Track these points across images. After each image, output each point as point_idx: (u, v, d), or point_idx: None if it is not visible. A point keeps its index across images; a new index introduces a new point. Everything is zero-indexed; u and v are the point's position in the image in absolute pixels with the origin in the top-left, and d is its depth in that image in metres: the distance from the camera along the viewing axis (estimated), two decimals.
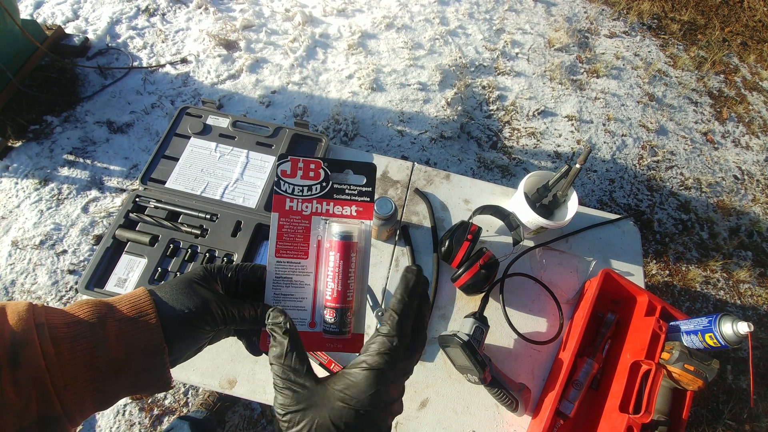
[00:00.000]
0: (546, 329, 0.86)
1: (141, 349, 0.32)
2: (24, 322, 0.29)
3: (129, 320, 0.32)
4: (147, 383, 0.33)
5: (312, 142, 0.99)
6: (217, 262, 0.85)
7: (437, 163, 1.89)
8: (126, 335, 0.31)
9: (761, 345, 1.70)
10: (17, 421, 0.28)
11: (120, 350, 0.31)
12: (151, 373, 0.33)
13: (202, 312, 0.34)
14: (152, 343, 0.32)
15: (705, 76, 2.44)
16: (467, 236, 0.82)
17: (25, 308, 0.30)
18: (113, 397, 0.32)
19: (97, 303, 0.32)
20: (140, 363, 0.32)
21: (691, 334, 0.75)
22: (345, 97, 1.98)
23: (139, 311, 0.33)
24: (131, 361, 0.31)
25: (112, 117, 1.83)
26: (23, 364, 0.28)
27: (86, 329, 0.31)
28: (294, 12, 2.21)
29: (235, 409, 1.35)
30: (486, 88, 2.16)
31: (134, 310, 0.33)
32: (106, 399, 0.32)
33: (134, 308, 0.33)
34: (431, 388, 0.80)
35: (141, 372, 0.32)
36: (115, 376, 0.31)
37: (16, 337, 0.28)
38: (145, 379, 0.32)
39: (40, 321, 0.30)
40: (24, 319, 0.29)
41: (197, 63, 2.01)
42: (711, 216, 1.97)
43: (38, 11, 2.08)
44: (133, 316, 0.32)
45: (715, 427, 1.50)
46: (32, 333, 0.29)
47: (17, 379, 0.27)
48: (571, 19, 2.53)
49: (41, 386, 0.28)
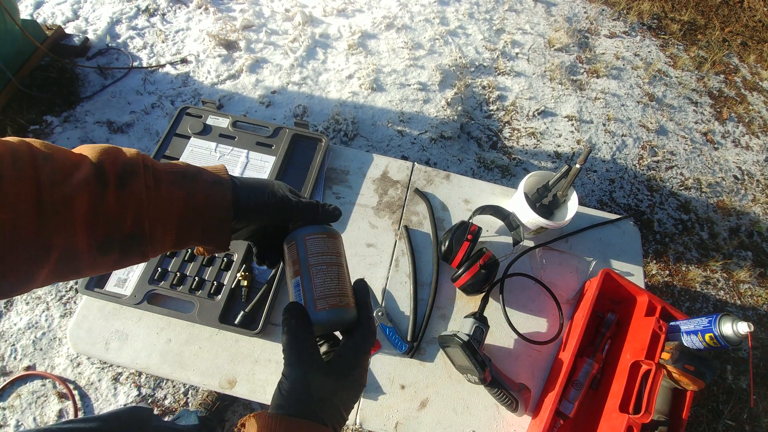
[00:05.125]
0: (546, 329, 0.86)
1: (215, 205, 0.39)
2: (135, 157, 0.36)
3: (213, 182, 0.39)
4: (213, 236, 0.40)
5: (312, 142, 0.99)
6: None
7: (437, 163, 1.89)
8: (209, 192, 0.39)
9: (761, 345, 1.70)
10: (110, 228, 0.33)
11: (202, 201, 0.38)
12: (218, 227, 0.39)
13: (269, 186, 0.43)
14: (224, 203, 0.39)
15: (705, 76, 2.44)
16: (467, 236, 0.82)
17: (137, 152, 0.37)
18: (188, 239, 0.39)
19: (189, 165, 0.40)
20: (212, 215, 0.39)
21: (691, 334, 0.75)
22: (345, 97, 1.98)
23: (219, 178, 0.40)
24: (206, 211, 0.38)
25: (112, 117, 1.83)
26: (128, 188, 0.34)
27: (182, 178, 0.38)
28: (294, 12, 2.20)
29: (235, 409, 1.35)
30: (486, 88, 2.16)
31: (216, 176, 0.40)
32: (183, 238, 0.39)
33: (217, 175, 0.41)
34: (431, 388, 0.80)
35: (212, 224, 0.39)
36: (194, 221, 0.38)
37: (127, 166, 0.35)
38: (213, 232, 0.39)
39: (148, 163, 0.36)
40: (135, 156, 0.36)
41: (197, 63, 2.00)
42: (711, 216, 1.97)
43: (38, 11, 2.08)
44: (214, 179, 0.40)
45: (715, 427, 1.50)
46: (140, 168, 0.35)
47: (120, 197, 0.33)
48: (571, 19, 2.53)
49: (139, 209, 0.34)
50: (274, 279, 0.82)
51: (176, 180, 0.37)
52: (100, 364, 1.38)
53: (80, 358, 1.39)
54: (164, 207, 0.36)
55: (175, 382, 1.38)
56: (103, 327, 0.79)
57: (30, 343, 1.39)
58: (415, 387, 0.79)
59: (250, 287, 0.83)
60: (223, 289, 0.81)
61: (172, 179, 0.37)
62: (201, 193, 0.38)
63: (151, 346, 0.79)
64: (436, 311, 0.86)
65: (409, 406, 0.78)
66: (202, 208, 0.38)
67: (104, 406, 1.33)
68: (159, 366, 0.77)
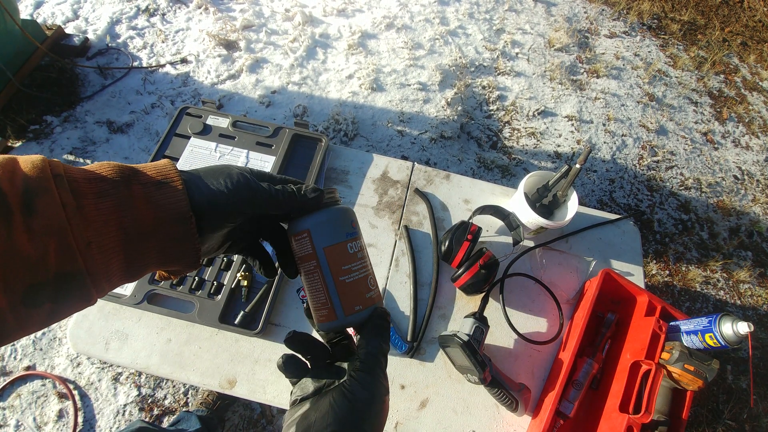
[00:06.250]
0: (546, 329, 0.86)
1: (168, 215, 0.29)
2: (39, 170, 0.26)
3: (154, 184, 0.30)
4: (176, 256, 0.31)
5: (312, 142, 0.99)
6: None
7: (437, 163, 1.89)
8: (152, 199, 0.29)
9: (761, 345, 1.70)
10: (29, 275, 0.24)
11: (147, 213, 0.29)
12: (180, 244, 0.30)
13: (235, 184, 0.32)
14: (179, 210, 0.30)
15: (705, 76, 2.44)
16: (467, 236, 0.82)
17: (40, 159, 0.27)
18: (142, 265, 0.30)
19: (120, 165, 0.30)
20: (167, 231, 0.30)
21: (691, 334, 0.75)
22: (345, 97, 1.98)
23: (165, 176, 0.30)
24: (158, 227, 0.29)
25: (112, 117, 1.83)
26: (39, 212, 0.25)
27: (111, 187, 0.28)
28: (294, 12, 2.21)
29: (235, 409, 1.35)
30: (486, 88, 2.16)
31: (159, 175, 0.30)
32: (134, 266, 0.30)
33: (159, 173, 0.30)
34: (431, 388, 0.80)
35: (169, 241, 0.30)
36: (142, 241, 0.29)
37: (31, 183, 0.25)
38: (174, 251, 0.31)
39: (58, 172, 0.26)
40: (39, 168, 0.26)
41: (197, 63, 2.01)
42: (711, 216, 1.97)
43: (38, 11, 2.08)
44: (158, 180, 0.30)
45: (715, 427, 1.50)
46: (49, 182, 0.26)
47: (32, 228, 0.24)
48: (571, 19, 2.53)
49: (61, 238, 0.25)
50: (274, 279, 0.82)
51: (104, 189, 0.28)
52: (100, 364, 1.38)
53: (80, 358, 1.39)
54: (96, 228, 0.27)
55: (175, 382, 1.38)
56: (103, 327, 0.79)
57: (30, 343, 1.39)
58: (415, 387, 0.79)
59: (250, 287, 0.83)
60: (223, 289, 0.81)
61: (98, 189, 0.28)
62: (142, 202, 0.29)
63: (151, 346, 0.79)
64: (436, 311, 0.86)
65: (409, 406, 0.78)
66: (149, 222, 0.29)
67: (104, 406, 1.33)
68: (159, 366, 0.77)
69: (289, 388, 0.77)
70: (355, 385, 0.32)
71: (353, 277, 0.36)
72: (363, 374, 0.33)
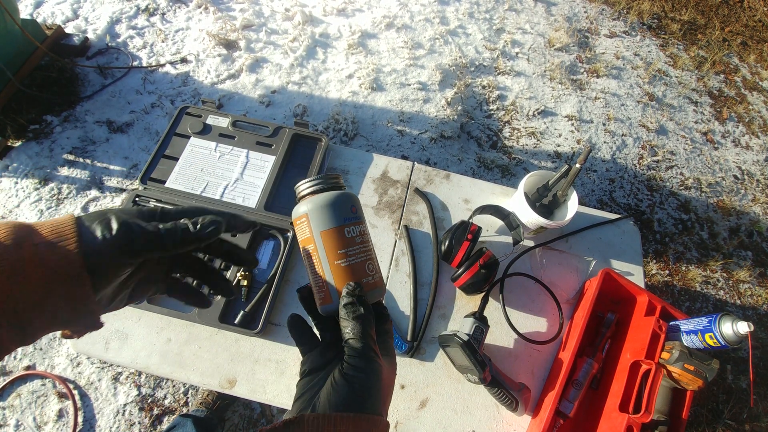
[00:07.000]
0: (546, 329, 0.86)
1: (60, 277, 0.28)
2: None
3: (47, 245, 0.28)
4: (72, 318, 0.30)
5: (312, 142, 0.99)
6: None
7: (437, 163, 1.89)
8: (43, 261, 0.27)
9: (761, 345, 1.70)
10: None
11: (37, 277, 0.27)
12: (75, 306, 0.29)
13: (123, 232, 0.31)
14: (71, 271, 0.28)
15: (705, 75, 2.44)
16: (467, 236, 0.82)
17: None
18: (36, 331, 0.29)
19: (16, 224, 0.28)
20: (60, 293, 0.28)
21: (691, 333, 0.75)
22: (345, 97, 1.98)
23: (59, 236, 0.29)
24: (50, 290, 0.28)
25: (112, 117, 1.83)
26: None
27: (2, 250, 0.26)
28: (294, 12, 2.20)
29: (235, 409, 1.35)
30: (486, 87, 2.16)
31: (54, 234, 0.29)
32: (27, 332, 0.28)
33: (54, 232, 0.29)
34: (431, 388, 0.80)
35: (63, 304, 0.28)
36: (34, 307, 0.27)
37: None
38: (69, 313, 0.29)
39: None
40: None
41: (197, 63, 2.00)
42: (711, 216, 1.97)
43: (38, 11, 2.08)
44: (52, 240, 0.28)
45: (715, 427, 1.50)
46: None
47: None
48: (571, 19, 2.53)
49: None
50: (274, 278, 0.82)
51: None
52: (100, 363, 1.38)
53: (80, 358, 1.39)
54: None
55: (175, 381, 1.38)
56: (103, 327, 0.79)
57: None
58: (415, 387, 0.79)
59: (250, 287, 0.83)
60: None
61: None
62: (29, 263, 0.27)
63: (151, 346, 0.79)
64: (436, 311, 0.86)
65: (408, 405, 0.78)
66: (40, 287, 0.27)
67: (104, 405, 1.33)
68: (159, 366, 0.77)
69: (289, 388, 0.77)
70: (348, 368, 0.34)
71: (349, 261, 0.37)
72: (354, 359, 0.34)
